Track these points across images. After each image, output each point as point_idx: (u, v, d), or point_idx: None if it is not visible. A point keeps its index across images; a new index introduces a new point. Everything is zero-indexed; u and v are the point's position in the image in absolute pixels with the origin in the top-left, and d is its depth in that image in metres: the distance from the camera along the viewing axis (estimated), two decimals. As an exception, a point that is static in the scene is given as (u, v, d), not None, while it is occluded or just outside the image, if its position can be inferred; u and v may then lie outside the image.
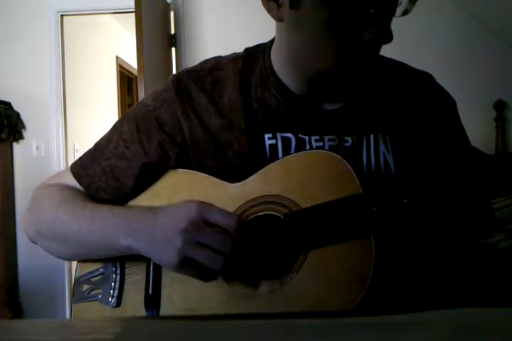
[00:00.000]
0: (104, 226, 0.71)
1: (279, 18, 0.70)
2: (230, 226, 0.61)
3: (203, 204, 0.63)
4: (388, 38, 0.64)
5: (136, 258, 0.72)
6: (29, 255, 3.00)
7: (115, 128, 0.81)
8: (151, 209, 0.69)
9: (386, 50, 0.72)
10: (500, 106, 2.72)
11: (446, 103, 0.81)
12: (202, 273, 0.63)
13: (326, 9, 0.63)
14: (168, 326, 0.44)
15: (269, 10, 0.70)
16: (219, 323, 0.44)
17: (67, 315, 3.07)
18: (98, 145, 0.81)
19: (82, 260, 0.81)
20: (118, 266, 0.77)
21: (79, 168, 0.81)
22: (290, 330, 0.41)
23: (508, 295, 0.76)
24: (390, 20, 0.65)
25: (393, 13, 0.65)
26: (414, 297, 0.69)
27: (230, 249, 0.61)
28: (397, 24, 0.67)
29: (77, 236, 0.73)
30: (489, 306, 0.43)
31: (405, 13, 0.66)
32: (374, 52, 0.68)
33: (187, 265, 0.62)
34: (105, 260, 0.77)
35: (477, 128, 2.51)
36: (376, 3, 0.62)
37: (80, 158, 0.82)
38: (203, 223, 0.62)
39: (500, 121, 2.73)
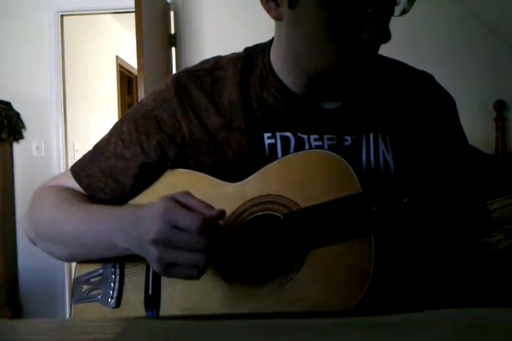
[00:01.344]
0: (100, 227, 0.70)
1: (278, 18, 0.70)
2: (194, 229, 0.59)
3: (168, 209, 0.61)
4: (386, 37, 0.64)
5: (136, 258, 0.72)
6: (29, 255, 3.00)
7: (115, 128, 0.81)
8: (135, 211, 0.67)
9: (385, 50, 0.72)
10: (500, 106, 2.73)
11: (445, 103, 0.81)
12: (190, 272, 0.61)
13: (324, 8, 0.63)
14: (168, 326, 0.44)
15: (268, 9, 0.70)
16: (219, 323, 0.44)
17: (67, 315, 3.06)
18: (98, 146, 0.81)
19: (81, 261, 0.81)
20: (117, 266, 0.77)
21: (78, 169, 0.81)
22: (290, 330, 0.41)
23: (508, 295, 0.76)
24: (388, 20, 0.65)
25: (392, 13, 0.65)
26: (414, 297, 0.69)
27: (207, 247, 0.59)
28: (396, 23, 0.67)
29: (75, 237, 0.73)
30: (490, 306, 0.43)
31: (404, 12, 0.66)
32: (372, 52, 0.68)
33: (173, 267, 0.61)
34: (104, 260, 0.77)
35: (477, 128, 2.52)
36: (374, 2, 0.62)
37: (80, 160, 0.83)
38: (171, 228, 0.60)
39: (500, 121, 2.73)
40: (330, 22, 0.64)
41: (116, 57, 4.79)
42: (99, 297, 0.76)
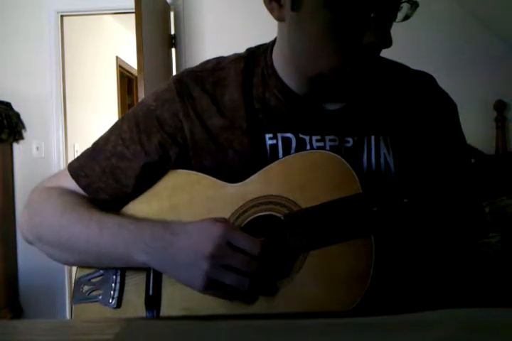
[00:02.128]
0: (114, 239, 0.70)
1: (280, 19, 0.70)
2: (255, 254, 0.63)
3: (227, 228, 0.64)
4: (388, 42, 0.64)
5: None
6: (29, 255, 3.00)
7: (114, 127, 0.80)
8: (166, 226, 0.68)
9: (386, 50, 0.72)
10: (500, 106, 2.73)
11: (446, 106, 0.81)
12: (229, 294, 0.64)
13: (326, 11, 0.63)
14: (169, 326, 0.44)
15: (270, 10, 0.70)
16: (219, 323, 0.44)
17: (67, 316, 3.07)
18: (96, 145, 0.80)
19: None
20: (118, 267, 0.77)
21: (77, 169, 0.79)
22: (290, 330, 0.41)
23: (508, 295, 0.76)
24: (390, 25, 0.66)
25: (394, 18, 0.65)
26: (414, 297, 0.69)
27: (254, 270, 0.62)
28: (396, 24, 0.67)
29: (84, 247, 0.73)
30: (490, 306, 0.43)
31: (406, 18, 0.66)
32: (374, 56, 0.68)
33: (213, 286, 0.63)
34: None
35: (477, 129, 2.52)
36: (377, 7, 0.62)
37: (78, 158, 0.81)
38: (228, 247, 0.63)
39: (500, 121, 2.73)
40: (332, 25, 0.64)
41: (117, 57, 4.79)
42: (100, 297, 0.76)
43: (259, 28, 1.59)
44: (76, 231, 0.73)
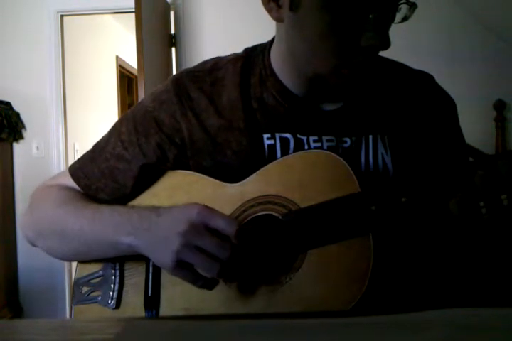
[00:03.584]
0: (106, 224, 0.71)
1: (279, 19, 0.70)
2: (230, 233, 0.61)
3: (205, 209, 0.63)
4: (385, 44, 0.64)
5: (136, 259, 0.72)
6: (29, 255, 3.00)
7: (114, 129, 0.81)
8: (154, 209, 0.69)
9: (387, 50, 0.72)
10: (500, 106, 2.72)
11: (445, 105, 0.81)
12: (197, 278, 0.63)
13: (324, 12, 0.63)
14: (169, 326, 0.44)
15: (269, 10, 0.70)
16: (219, 323, 0.44)
17: (67, 316, 3.06)
18: (96, 147, 0.81)
19: (82, 261, 0.81)
20: (117, 268, 0.77)
21: (77, 170, 0.81)
22: (290, 330, 0.41)
23: (508, 295, 0.76)
24: (388, 27, 0.65)
25: (392, 19, 0.65)
26: (413, 296, 0.69)
27: (227, 256, 0.60)
28: (396, 24, 0.67)
29: (78, 235, 0.73)
30: (490, 306, 0.43)
31: (405, 19, 0.66)
32: (371, 57, 0.68)
33: (182, 268, 0.62)
34: (105, 261, 0.77)
35: (477, 128, 2.52)
36: (376, 8, 0.62)
37: (79, 160, 0.82)
38: (203, 227, 0.61)
39: (500, 121, 2.73)
40: (330, 26, 0.64)
41: (116, 57, 4.79)
42: (99, 298, 0.76)
43: (259, 28, 1.59)
44: (71, 221, 0.74)
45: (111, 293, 0.75)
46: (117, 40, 4.79)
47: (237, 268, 0.63)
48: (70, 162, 0.85)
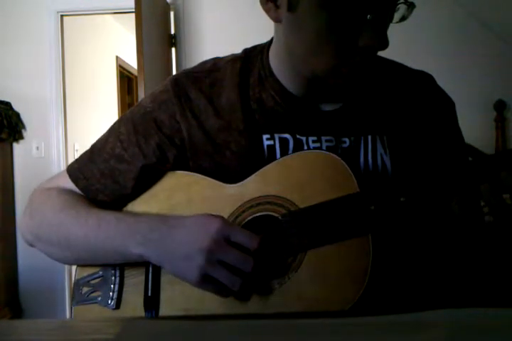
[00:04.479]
0: (112, 233, 0.70)
1: (277, 20, 0.70)
2: (252, 248, 0.62)
3: (226, 223, 0.64)
4: (383, 44, 0.64)
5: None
6: (29, 255, 3.00)
7: (112, 129, 0.81)
8: (163, 219, 0.69)
9: (386, 50, 0.72)
10: (500, 106, 2.72)
11: (444, 104, 0.81)
12: (221, 290, 0.64)
13: (323, 13, 0.63)
14: (169, 326, 0.44)
15: (267, 11, 0.70)
16: (219, 323, 0.44)
17: (67, 316, 3.07)
18: (95, 147, 0.81)
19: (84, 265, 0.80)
20: (117, 268, 0.77)
21: (76, 171, 0.80)
22: (290, 330, 0.41)
23: (508, 294, 0.76)
24: (386, 27, 0.65)
25: (390, 20, 0.65)
26: (412, 296, 0.69)
27: (250, 269, 0.62)
28: (396, 24, 0.67)
29: (82, 243, 0.73)
30: (490, 306, 0.43)
31: (403, 19, 0.66)
32: (370, 58, 0.68)
33: (207, 281, 0.63)
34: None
35: (477, 128, 2.52)
36: (374, 8, 0.62)
37: (77, 160, 0.82)
38: (225, 242, 0.62)
39: (500, 121, 2.73)
40: (328, 27, 0.64)
41: (116, 57, 4.79)
42: (99, 299, 0.76)
43: (259, 28, 1.59)
44: (74, 227, 0.74)
45: (111, 293, 0.75)
46: (117, 40, 4.79)
47: (260, 278, 0.64)
48: (70, 162, 0.85)
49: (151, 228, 0.68)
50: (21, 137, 3.13)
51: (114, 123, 0.81)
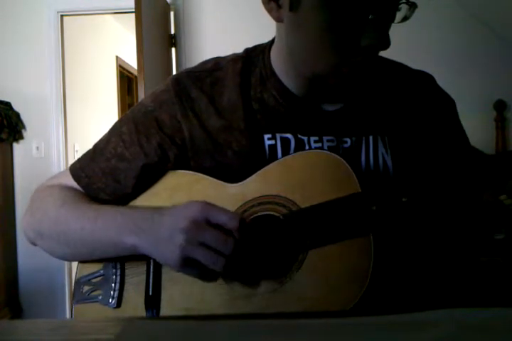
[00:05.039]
0: (108, 224, 0.71)
1: (279, 19, 0.70)
2: (232, 227, 0.61)
3: (207, 205, 0.63)
4: (385, 44, 0.64)
5: (137, 258, 0.72)
6: (29, 255, 3.00)
7: (114, 129, 0.81)
8: (157, 209, 0.69)
9: (387, 50, 0.72)
10: (500, 106, 2.72)
11: (445, 104, 0.81)
12: (203, 273, 0.63)
13: (325, 12, 0.63)
14: (169, 326, 0.44)
15: (269, 10, 0.70)
16: (219, 323, 0.44)
17: (67, 315, 3.07)
18: (97, 147, 0.81)
19: (83, 261, 0.81)
20: (118, 267, 0.77)
21: (78, 170, 0.80)
22: (290, 330, 0.41)
23: (508, 294, 0.76)
24: (388, 27, 0.65)
25: (392, 20, 0.65)
26: (413, 296, 0.69)
27: (231, 250, 0.60)
28: (397, 24, 0.67)
29: (79, 235, 0.73)
30: (489, 306, 0.43)
31: (405, 19, 0.66)
32: (371, 58, 0.68)
33: (188, 264, 0.62)
34: (106, 261, 0.77)
35: (477, 128, 2.51)
36: (376, 8, 0.62)
37: (79, 160, 0.82)
38: (205, 223, 0.62)
39: (500, 121, 2.73)
40: (330, 26, 0.64)
41: (116, 57, 4.79)
42: (100, 297, 0.76)
43: (260, 28, 1.59)
44: (72, 220, 0.74)
45: (112, 292, 0.75)
46: (117, 40, 4.79)
47: (240, 262, 0.63)
48: (70, 162, 0.85)
49: (144, 217, 0.68)
50: (21, 137, 3.13)
51: (116, 123, 0.82)
